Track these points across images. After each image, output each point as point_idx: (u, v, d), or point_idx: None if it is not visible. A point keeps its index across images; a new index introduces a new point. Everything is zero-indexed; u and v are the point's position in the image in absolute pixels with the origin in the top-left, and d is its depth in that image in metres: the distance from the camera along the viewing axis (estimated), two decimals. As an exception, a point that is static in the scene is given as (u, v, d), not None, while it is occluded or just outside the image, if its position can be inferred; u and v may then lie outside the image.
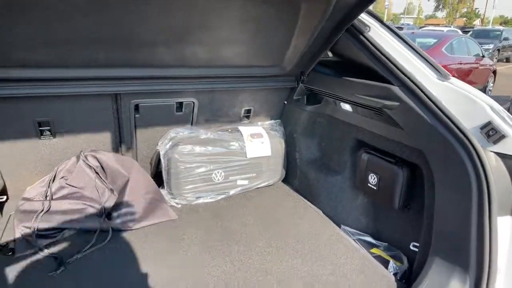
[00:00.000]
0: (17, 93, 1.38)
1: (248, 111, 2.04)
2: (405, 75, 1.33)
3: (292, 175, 2.06)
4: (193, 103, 1.81)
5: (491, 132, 1.13)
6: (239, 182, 1.90)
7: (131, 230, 1.55)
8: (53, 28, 1.17)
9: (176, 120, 1.84)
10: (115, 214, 1.55)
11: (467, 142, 1.14)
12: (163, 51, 1.44)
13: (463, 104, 1.21)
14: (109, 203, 1.61)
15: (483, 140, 1.15)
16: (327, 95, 1.79)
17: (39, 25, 1.14)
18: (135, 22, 1.23)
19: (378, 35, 1.46)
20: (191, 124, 1.90)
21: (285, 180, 2.09)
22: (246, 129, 1.94)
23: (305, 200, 1.90)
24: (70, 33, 1.21)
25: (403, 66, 1.35)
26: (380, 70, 1.41)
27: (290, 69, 1.80)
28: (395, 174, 1.47)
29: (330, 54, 1.83)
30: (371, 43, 1.44)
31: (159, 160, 1.85)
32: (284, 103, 2.09)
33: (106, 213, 1.56)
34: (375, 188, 1.57)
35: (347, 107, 1.68)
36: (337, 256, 1.46)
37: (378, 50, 1.41)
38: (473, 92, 1.25)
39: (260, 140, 1.92)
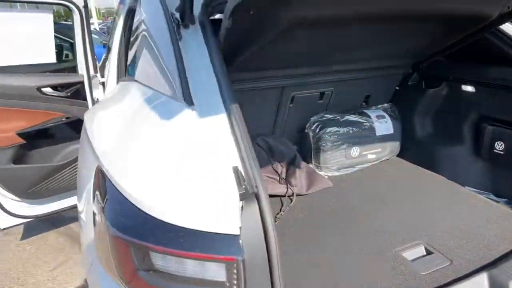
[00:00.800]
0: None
1: (367, 96, 2.40)
2: None
3: (408, 149, 2.42)
4: (332, 92, 2.18)
5: None
6: (369, 156, 2.28)
7: (306, 194, 1.96)
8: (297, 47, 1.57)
9: (317, 107, 2.22)
10: (293, 182, 1.95)
11: None
12: (332, 55, 1.82)
13: None
14: (283, 175, 2.02)
15: None
16: (449, 79, 2.13)
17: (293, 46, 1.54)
18: (338, 40, 1.60)
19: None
20: (326, 110, 2.28)
21: (400, 154, 2.45)
22: (371, 112, 2.31)
23: (425, 169, 2.26)
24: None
25: None
26: None
27: (411, 62, 2.15)
28: (523, 139, 1.82)
29: None
30: (501, 32, 1.77)
31: (303, 141, 2.24)
32: (396, 88, 2.44)
33: (285, 182, 1.97)
34: (502, 152, 1.92)
35: (469, 88, 2.03)
36: (470, 209, 1.79)
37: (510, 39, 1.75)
38: None
39: (384, 120, 2.29)
